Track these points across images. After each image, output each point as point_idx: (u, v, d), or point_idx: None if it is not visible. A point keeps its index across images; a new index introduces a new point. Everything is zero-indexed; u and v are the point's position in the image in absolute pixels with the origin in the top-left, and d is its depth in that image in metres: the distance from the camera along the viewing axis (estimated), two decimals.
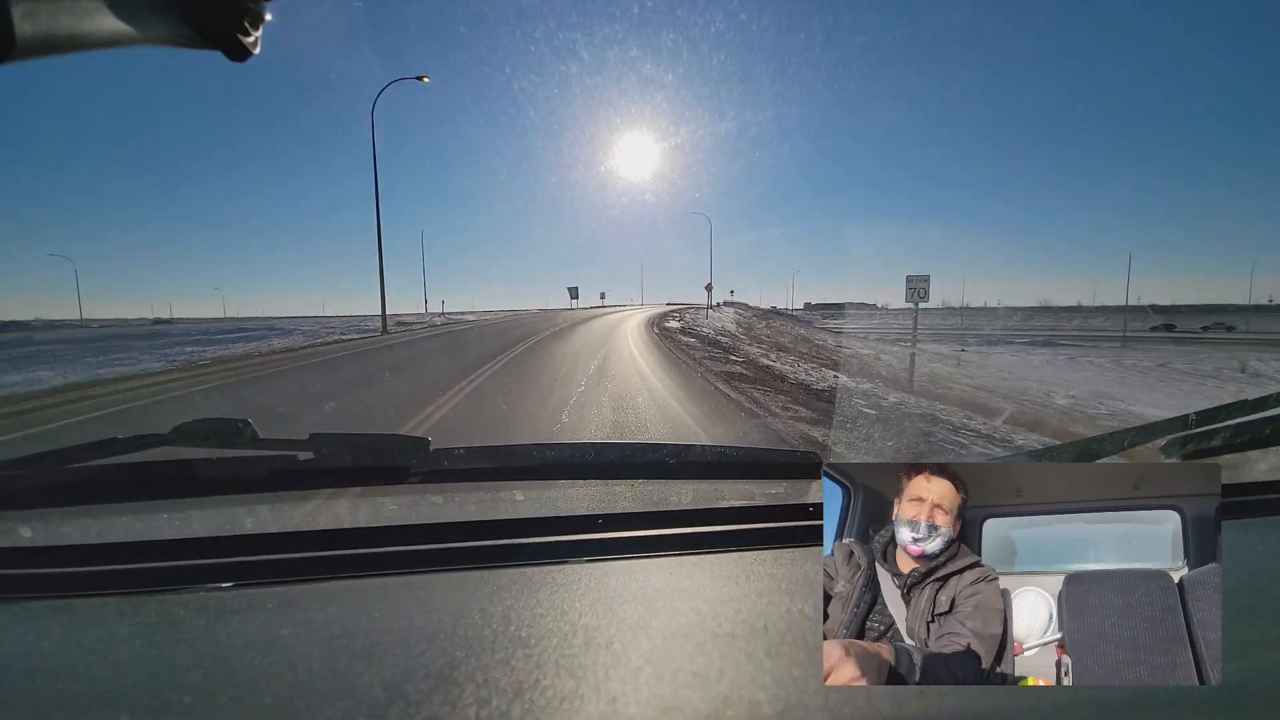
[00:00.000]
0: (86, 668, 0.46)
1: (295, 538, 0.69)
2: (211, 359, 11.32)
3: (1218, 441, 0.81)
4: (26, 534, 0.73)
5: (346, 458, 0.87)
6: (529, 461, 0.95)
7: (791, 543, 0.71)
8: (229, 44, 0.48)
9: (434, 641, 0.49)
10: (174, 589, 0.59)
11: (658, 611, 0.54)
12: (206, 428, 0.91)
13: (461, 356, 10.48)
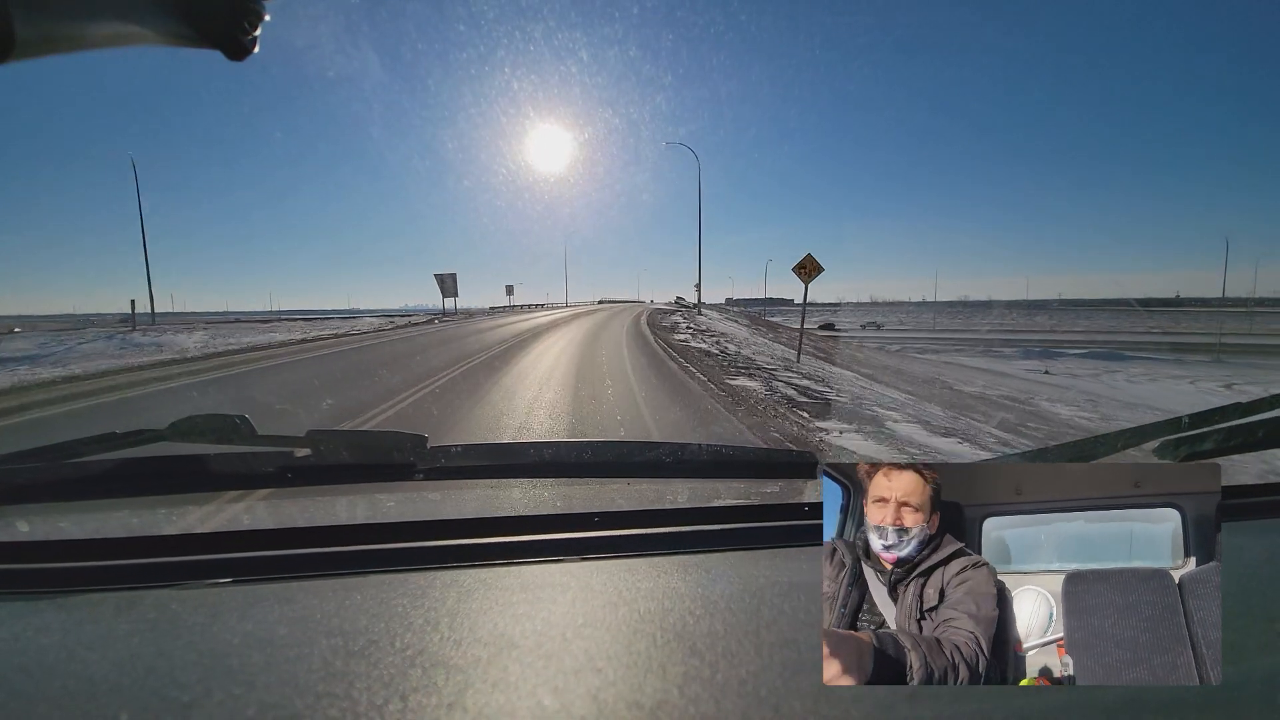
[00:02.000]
0: (84, 663, 0.46)
1: (292, 534, 0.69)
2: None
3: (1210, 444, 0.81)
4: (24, 529, 0.73)
5: (344, 455, 0.87)
6: (526, 459, 0.95)
7: (787, 542, 0.71)
8: (228, 43, 0.48)
9: (430, 638, 0.49)
10: (171, 585, 0.60)
11: (653, 610, 0.54)
12: (204, 424, 0.92)
13: None
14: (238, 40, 0.48)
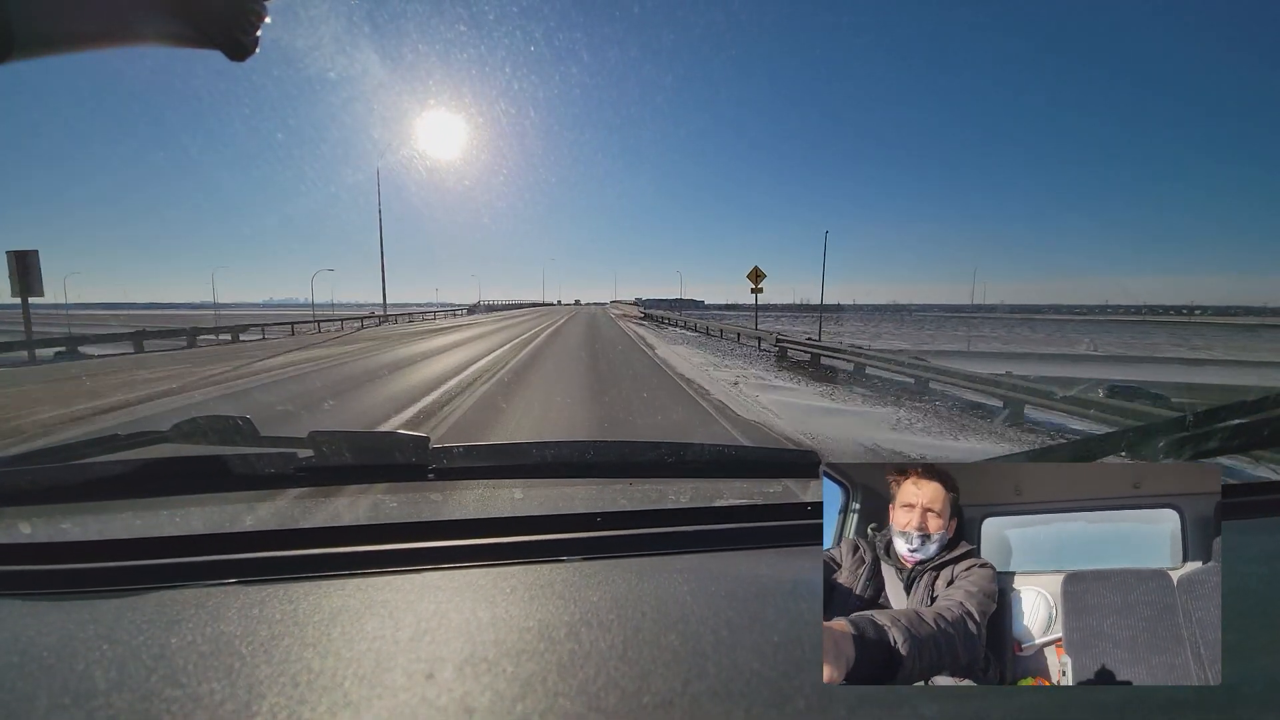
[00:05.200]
0: (86, 664, 0.46)
1: (294, 535, 0.69)
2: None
3: (1215, 443, 0.81)
4: (27, 530, 0.73)
5: (346, 456, 0.87)
6: (528, 460, 0.95)
7: (789, 541, 0.71)
8: (229, 43, 0.48)
9: (433, 638, 0.49)
10: (174, 586, 0.60)
11: (655, 610, 0.54)
12: (207, 425, 0.92)
13: None
14: (238, 40, 0.48)
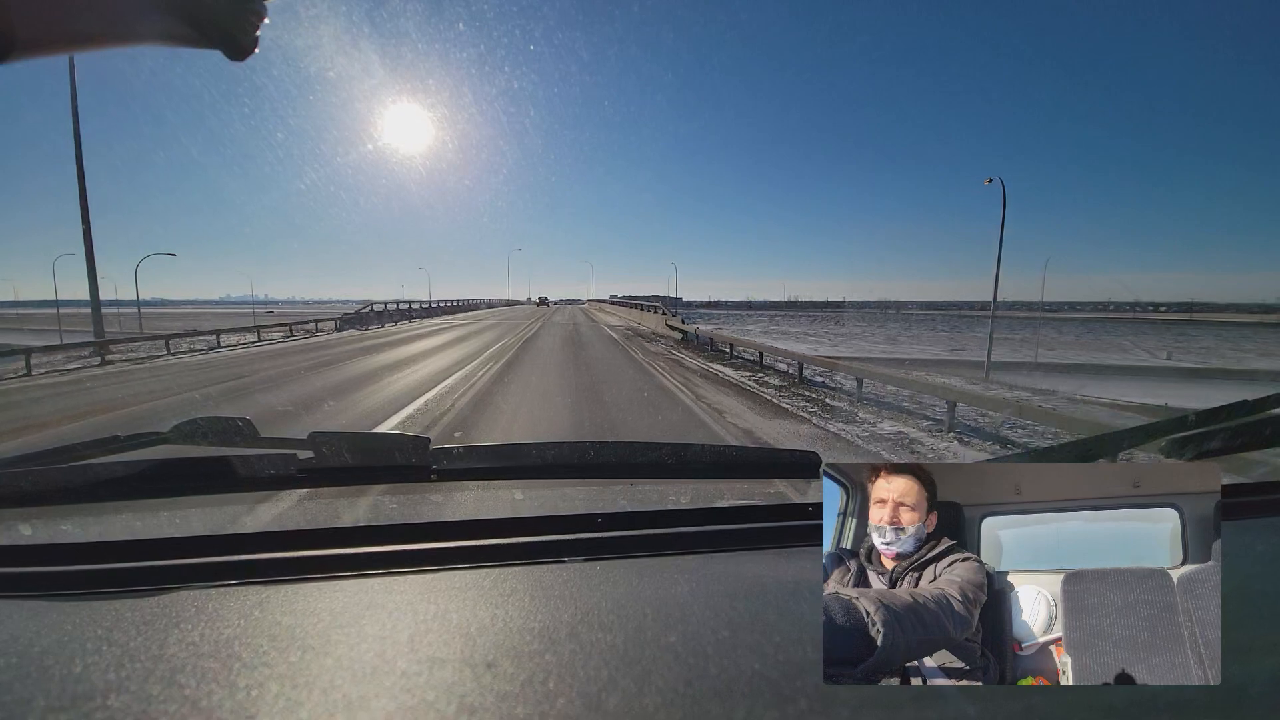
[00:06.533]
0: (85, 666, 0.46)
1: (295, 536, 0.69)
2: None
3: (1217, 443, 0.81)
4: (26, 531, 0.73)
5: (346, 457, 0.87)
6: (528, 461, 0.95)
7: (790, 542, 0.71)
8: (229, 43, 0.48)
9: (433, 639, 0.50)
10: (174, 587, 0.60)
11: (656, 611, 0.54)
12: (207, 426, 0.92)
13: None
14: (238, 40, 0.48)
